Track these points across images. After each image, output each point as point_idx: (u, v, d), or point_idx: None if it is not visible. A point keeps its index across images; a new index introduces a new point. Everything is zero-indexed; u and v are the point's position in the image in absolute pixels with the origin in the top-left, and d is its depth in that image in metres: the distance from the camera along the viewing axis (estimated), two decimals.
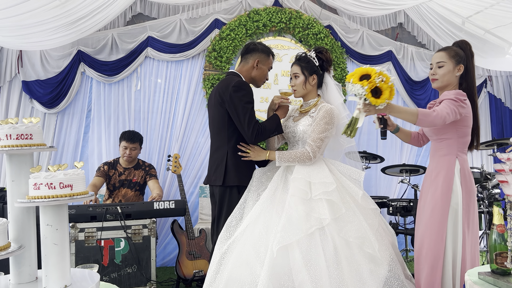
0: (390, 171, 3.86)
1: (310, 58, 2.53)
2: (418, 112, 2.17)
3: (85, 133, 4.57)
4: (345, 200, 2.27)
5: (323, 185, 2.24)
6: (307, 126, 2.44)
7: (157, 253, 4.45)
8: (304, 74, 2.52)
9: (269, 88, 4.92)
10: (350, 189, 2.33)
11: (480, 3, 4.52)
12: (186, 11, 4.72)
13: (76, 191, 1.58)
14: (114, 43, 4.57)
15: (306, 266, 2.02)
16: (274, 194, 2.32)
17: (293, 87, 2.55)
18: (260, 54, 2.72)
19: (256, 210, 2.25)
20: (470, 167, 3.79)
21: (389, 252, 2.22)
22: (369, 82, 1.95)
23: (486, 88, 5.53)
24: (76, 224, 3.14)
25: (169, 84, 4.72)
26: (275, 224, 2.17)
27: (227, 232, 2.29)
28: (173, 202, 3.38)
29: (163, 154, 4.62)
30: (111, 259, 3.17)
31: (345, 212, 2.20)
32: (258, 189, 2.41)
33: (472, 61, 2.39)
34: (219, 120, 2.64)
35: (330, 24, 5.09)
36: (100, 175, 3.81)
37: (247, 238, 2.17)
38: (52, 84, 4.38)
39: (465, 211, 2.28)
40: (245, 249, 2.13)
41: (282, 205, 2.25)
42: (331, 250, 2.07)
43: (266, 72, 2.77)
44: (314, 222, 2.13)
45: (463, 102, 2.25)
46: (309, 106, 2.56)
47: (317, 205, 2.20)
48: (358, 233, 2.15)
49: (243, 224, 2.23)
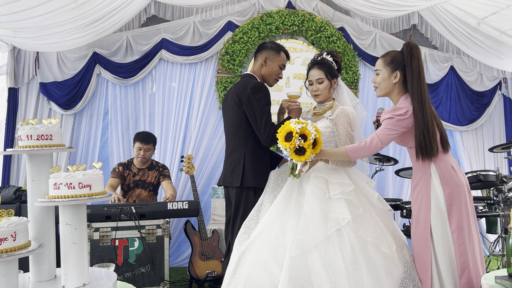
0: (404, 173, 3.85)
1: (329, 62, 2.53)
2: (346, 150, 2.25)
3: (103, 134, 4.64)
4: (361, 201, 2.28)
5: (341, 186, 2.26)
6: (324, 128, 2.45)
7: (171, 253, 4.49)
8: (328, 78, 2.52)
9: (280, 91, 4.93)
10: (365, 191, 2.36)
11: (496, 4, 4.47)
12: (199, 13, 4.76)
13: (95, 191, 1.62)
14: (129, 45, 4.62)
15: (324, 268, 2.03)
16: (290, 196, 2.34)
17: (316, 91, 2.53)
18: (269, 51, 2.72)
19: (272, 212, 2.27)
20: (485, 170, 3.77)
21: (404, 254, 2.22)
22: (291, 144, 2.13)
23: (501, 90, 5.46)
24: (91, 223, 3.19)
25: (183, 87, 4.76)
26: (292, 226, 2.18)
27: (245, 234, 2.31)
28: (186, 203, 3.41)
29: (176, 155, 4.67)
30: (125, 258, 3.21)
31: (362, 212, 2.21)
32: (274, 191, 2.43)
33: (415, 62, 2.24)
34: (236, 122, 2.65)
35: (343, 26, 5.08)
36: (115, 176, 3.86)
37: (264, 240, 2.19)
38: (69, 85, 4.46)
39: (452, 212, 2.19)
40: (263, 251, 2.15)
41: (298, 207, 2.26)
42: (348, 250, 2.08)
43: (277, 69, 2.73)
44: (332, 223, 2.14)
45: (400, 115, 2.20)
46: (324, 108, 2.57)
47: (335, 205, 2.21)
48: (375, 233, 2.16)
49: (260, 226, 2.25)
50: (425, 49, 5.29)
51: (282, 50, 2.74)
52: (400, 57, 2.30)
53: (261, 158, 2.63)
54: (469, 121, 5.29)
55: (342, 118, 2.43)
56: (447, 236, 2.20)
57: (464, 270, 2.15)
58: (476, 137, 5.37)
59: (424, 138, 2.19)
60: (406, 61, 2.27)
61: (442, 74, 5.29)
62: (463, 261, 2.16)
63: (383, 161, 3.94)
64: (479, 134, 5.40)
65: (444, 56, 5.33)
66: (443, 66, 5.31)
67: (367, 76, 5.18)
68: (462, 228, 2.19)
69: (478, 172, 3.59)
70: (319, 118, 2.55)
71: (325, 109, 2.56)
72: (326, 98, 2.56)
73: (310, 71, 2.56)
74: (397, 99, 2.36)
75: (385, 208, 2.38)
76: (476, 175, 3.57)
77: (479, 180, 3.54)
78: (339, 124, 2.44)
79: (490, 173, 3.57)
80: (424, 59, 5.27)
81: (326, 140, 2.45)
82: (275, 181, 2.48)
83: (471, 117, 5.30)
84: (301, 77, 4.95)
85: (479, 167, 5.23)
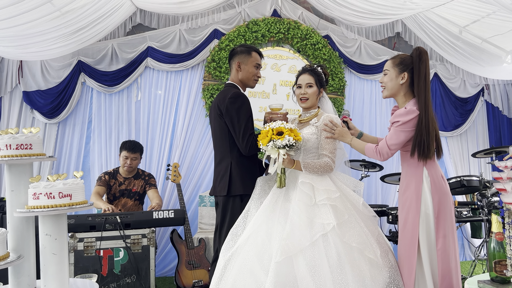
0: (390, 179, 3.87)
1: (320, 72, 2.61)
2: (364, 148, 2.44)
3: (87, 143, 4.59)
4: (346, 207, 2.31)
5: (327, 192, 2.29)
6: (310, 135, 2.48)
7: (157, 263, 4.44)
8: (317, 85, 2.58)
9: (267, 98, 4.94)
10: (351, 197, 2.38)
11: (477, 12, 4.57)
12: (185, 21, 4.77)
13: (76, 201, 1.59)
14: (114, 53, 4.60)
15: (310, 273, 2.04)
16: (276, 202, 2.35)
17: (304, 95, 2.58)
18: (240, 55, 2.73)
19: (258, 218, 2.28)
20: (469, 175, 3.82)
21: (389, 259, 2.24)
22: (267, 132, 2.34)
23: (484, 96, 5.56)
24: (75, 234, 3.14)
25: (169, 94, 4.75)
26: (277, 232, 2.19)
27: (231, 241, 2.31)
28: (172, 212, 3.38)
29: (162, 163, 4.63)
30: (110, 269, 3.16)
31: (347, 218, 2.23)
32: (260, 197, 2.44)
33: (423, 65, 2.29)
34: (220, 132, 2.67)
35: (328, 34, 5.13)
36: (101, 184, 3.81)
37: (250, 247, 2.19)
38: (53, 94, 4.41)
39: (439, 219, 2.24)
40: (248, 257, 2.15)
41: (284, 213, 2.28)
42: (334, 256, 2.09)
43: (252, 70, 2.73)
44: (318, 229, 2.16)
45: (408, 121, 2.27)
46: (309, 116, 2.61)
47: (321, 210, 2.24)
48: (360, 238, 2.18)
49: (246, 233, 2.25)
50: None
51: (252, 50, 2.75)
52: (409, 60, 2.36)
53: (248, 166, 2.65)
54: (454, 126, 5.37)
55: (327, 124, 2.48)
56: (431, 242, 2.25)
57: (445, 276, 2.19)
58: (461, 142, 5.45)
59: (424, 137, 2.24)
60: (414, 64, 2.32)
61: None
62: (445, 267, 2.19)
63: (368, 167, 3.97)
64: (464, 139, 5.48)
65: None
66: None
67: (353, 83, 5.23)
68: (446, 236, 2.25)
69: (462, 177, 3.63)
70: (305, 125, 2.57)
71: (311, 116, 2.59)
72: (312, 104, 2.60)
73: (300, 76, 2.62)
74: (402, 100, 2.40)
75: (370, 214, 2.41)
76: (459, 180, 3.61)
77: (463, 185, 3.59)
78: (323, 130, 2.47)
79: (474, 178, 3.61)
80: None
81: (313, 146, 2.48)
82: (261, 187, 2.49)
83: (456, 123, 5.38)
84: (287, 84, 4.97)
85: (464, 172, 5.30)
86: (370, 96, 5.28)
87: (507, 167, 1.98)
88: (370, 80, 5.28)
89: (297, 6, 5.08)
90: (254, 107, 4.82)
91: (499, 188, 1.97)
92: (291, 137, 2.29)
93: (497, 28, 4.84)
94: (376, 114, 5.25)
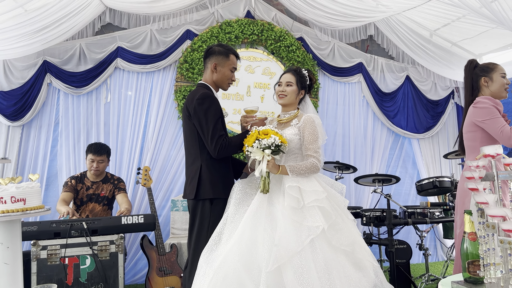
0: (363, 181, 3.87)
1: (304, 74, 2.60)
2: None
3: (53, 147, 4.40)
4: (333, 207, 2.29)
5: (315, 193, 2.25)
6: (292, 135, 2.44)
7: (128, 270, 4.29)
8: (298, 85, 2.57)
9: (241, 100, 4.88)
10: (336, 198, 2.36)
11: (448, 15, 4.64)
12: (157, 22, 4.65)
13: (30, 205, 1.48)
14: (82, 54, 4.44)
15: (299, 282, 1.98)
16: (259, 207, 2.26)
17: (283, 92, 2.56)
18: (217, 56, 2.65)
19: (243, 226, 2.18)
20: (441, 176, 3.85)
21: (373, 259, 2.22)
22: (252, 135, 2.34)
23: (454, 99, 5.66)
24: (38, 241, 2.98)
25: (140, 96, 4.61)
26: (264, 239, 2.12)
27: (211, 249, 2.20)
28: (142, 217, 3.26)
29: (133, 167, 4.49)
30: (75, 277, 3.01)
31: (335, 219, 2.21)
32: (242, 202, 2.34)
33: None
34: (190, 134, 2.58)
35: (302, 36, 5.11)
36: (68, 190, 3.65)
37: (237, 256, 2.08)
38: (16, 95, 4.21)
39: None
40: (236, 269, 2.04)
41: (270, 218, 2.21)
42: (321, 262, 2.05)
43: (228, 73, 2.66)
44: (308, 232, 2.12)
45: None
46: (289, 116, 2.57)
47: (310, 213, 2.19)
48: (348, 239, 2.17)
49: (232, 241, 2.14)
50: (382, 59, 5.41)
51: (231, 52, 2.67)
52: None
53: (220, 168, 2.56)
54: (425, 129, 5.44)
55: (308, 124, 2.45)
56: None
57: None
58: (432, 144, 5.52)
59: None
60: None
61: (398, 83, 5.42)
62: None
63: (342, 169, 3.95)
64: (435, 141, 5.55)
65: (400, 66, 5.47)
66: (399, 76, 5.45)
67: (327, 86, 5.22)
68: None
69: (434, 178, 3.66)
70: (286, 127, 2.53)
71: (291, 117, 2.56)
72: (290, 102, 2.57)
73: (283, 75, 2.62)
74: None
75: (349, 217, 2.37)
76: (432, 181, 3.64)
77: (435, 186, 3.61)
78: (305, 130, 2.44)
79: (445, 179, 3.64)
80: (381, 69, 5.39)
81: (295, 147, 2.44)
82: (242, 191, 2.40)
83: (427, 125, 5.45)
84: (262, 86, 4.92)
85: (436, 173, 5.37)
86: (344, 98, 5.29)
87: (479, 167, 1.97)
88: (343, 83, 5.29)
89: (270, 8, 5.04)
90: (228, 109, 4.79)
91: (472, 188, 1.96)
92: (277, 136, 2.25)
93: (466, 31, 4.94)
94: (349, 116, 5.26)
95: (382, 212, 3.62)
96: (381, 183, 3.62)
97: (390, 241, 3.36)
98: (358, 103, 5.30)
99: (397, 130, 5.34)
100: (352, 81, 5.28)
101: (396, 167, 5.40)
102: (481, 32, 4.82)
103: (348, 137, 5.19)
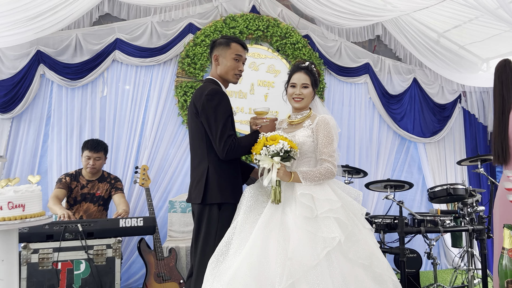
0: (374, 186, 3.70)
1: (315, 72, 2.44)
2: None
3: (44, 142, 4.15)
4: (349, 216, 2.11)
5: (329, 203, 2.07)
6: (305, 137, 2.28)
7: (121, 274, 4.07)
8: (313, 86, 2.42)
9: (244, 98, 4.69)
10: (352, 206, 2.19)
11: (459, 17, 4.51)
12: (158, 14, 4.43)
13: (30, 212, 1.26)
14: (79, 44, 4.20)
15: None
16: (271, 217, 2.09)
17: (299, 95, 2.38)
18: (218, 47, 2.47)
19: (254, 238, 2.00)
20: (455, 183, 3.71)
21: (392, 273, 2.05)
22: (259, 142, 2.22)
23: (461, 103, 5.54)
24: (29, 244, 2.75)
25: (138, 91, 4.39)
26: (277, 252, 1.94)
27: (218, 260, 2.02)
28: (141, 219, 3.05)
29: (129, 165, 4.26)
30: (69, 284, 2.79)
31: (351, 229, 2.04)
32: (253, 210, 2.16)
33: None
34: (197, 133, 2.40)
35: (308, 34, 4.94)
36: (62, 187, 3.42)
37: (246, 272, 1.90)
38: (7, 86, 3.95)
39: None
40: (247, 285, 1.86)
41: (282, 229, 2.03)
42: (339, 278, 1.88)
43: (232, 63, 2.44)
44: (323, 244, 1.94)
45: None
46: (301, 117, 2.41)
47: (324, 223, 2.02)
48: (366, 252, 2.00)
49: (241, 256, 1.96)
50: (389, 60, 5.26)
51: (232, 40, 2.46)
52: None
53: (228, 171, 2.37)
54: (432, 133, 5.30)
55: (322, 126, 2.27)
56: None
57: None
58: (438, 149, 5.38)
59: None
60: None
61: (406, 86, 5.28)
62: None
63: (352, 174, 3.78)
64: (442, 146, 5.42)
65: (407, 67, 5.33)
66: (406, 78, 5.30)
67: (333, 86, 5.06)
68: None
69: (448, 185, 3.51)
70: (297, 128, 2.36)
71: (303, 117, 2.39)
72: (306, 105, 2.42)
73: (295, 74, 2.41)
74: None
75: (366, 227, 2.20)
76: (446, 189, 3.49)
77: (449, 193, 3.46)
78: (319, 132, 2.26)
79: (459, 187, 3.50)
80: (388, 70, 5.24)
81: (308, 150, 2.26)
82: (253, 198, 2.21)
83: (434, 129, 5.31)
84: (266, 84, 4.73)
85: (441, 179, 5.24)
86: (349, 99, 5.13)
87: None
88: (349, 83, 5.13)
89: (276, 3, 4.86)
90: None
91: None
92: (285, 141, 2.08)
93: (476, 34, 4.82)
94: (355, 118, 5.11)
95: (393, 219, 3.46)
96: (393, 189, 3.46)
97: (402, 250, 3.20)
98: (364, 104, 5.14)
99: (403, 134, 5.20)
100: (359, 81, 5.12)
101: (402, 172, 5.25)
102: (492, 35, 4.71)
103: (354, 140, 5.03)
